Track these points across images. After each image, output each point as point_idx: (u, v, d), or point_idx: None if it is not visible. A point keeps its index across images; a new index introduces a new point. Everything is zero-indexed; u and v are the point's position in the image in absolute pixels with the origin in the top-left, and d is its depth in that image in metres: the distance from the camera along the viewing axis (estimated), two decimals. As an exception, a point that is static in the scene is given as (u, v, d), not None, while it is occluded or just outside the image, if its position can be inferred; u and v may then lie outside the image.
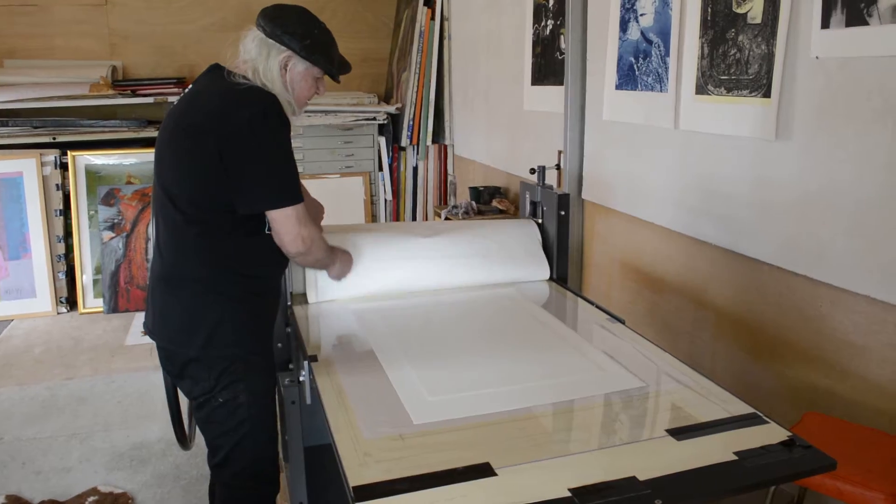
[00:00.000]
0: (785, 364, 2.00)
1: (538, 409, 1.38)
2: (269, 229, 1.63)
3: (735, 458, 1.17)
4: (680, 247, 2.42)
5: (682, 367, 1.58)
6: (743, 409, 1.36)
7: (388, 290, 2.02)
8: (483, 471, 1.12)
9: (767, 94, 1.96)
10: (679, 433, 1.26)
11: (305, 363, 1.56)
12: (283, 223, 1.59)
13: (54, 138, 4.30)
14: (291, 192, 1.59)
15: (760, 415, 1.32)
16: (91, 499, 2.35)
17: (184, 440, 1.88)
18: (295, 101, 1.69)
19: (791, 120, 1.89)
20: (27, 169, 4.18)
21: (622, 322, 1.87)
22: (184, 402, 1.83)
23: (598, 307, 1.98)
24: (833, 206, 1.79)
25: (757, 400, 1.47)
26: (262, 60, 1.63)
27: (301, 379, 1.58)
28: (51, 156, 4.25)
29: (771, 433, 1.26)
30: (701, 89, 2.23)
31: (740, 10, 2.06)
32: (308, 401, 1.57)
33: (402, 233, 2.14)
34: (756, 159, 2.03)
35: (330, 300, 1.99)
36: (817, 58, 1.80)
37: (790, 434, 1.25)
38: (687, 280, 2.40)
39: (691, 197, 2.33)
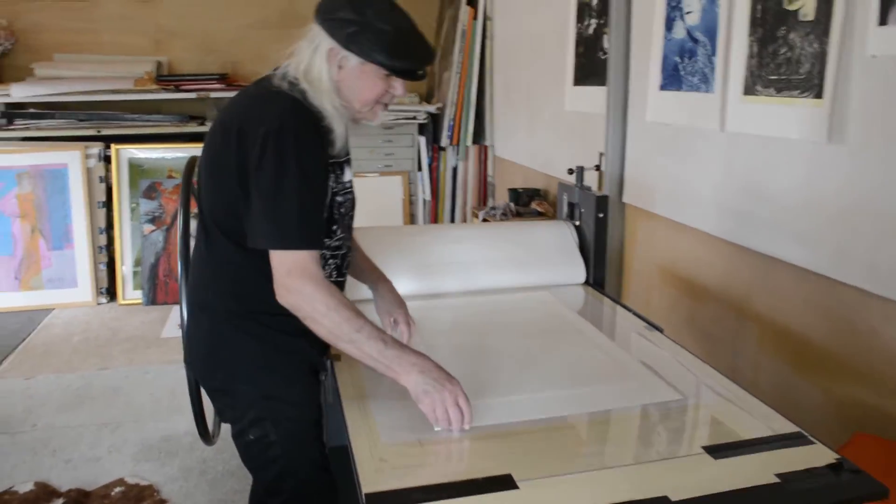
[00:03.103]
0: (833, 380, 1.90)
1: (567, 420, 1.32)
2: None
3: (777, 480, 1.09)
4: (723, 253, 2.33)
5: (722, 379, 1.50)
6: (787, 427, 1.27)
7: (419, 291, 1.97)
8: (503, 483, 1.07)
9: (819, 95, 1.86)
10: (717, 451, 1.18)
11: (328, 362, 1.52)
12: (273, 266, 1.33)
13: (99, 131, 4.38)
14: (287, 233, 1.31)
15: (806, 434, 1.24)
16: (117, 489, 2.35)
17: (206, 435, 1.84)
18: (357, 104, 1.41)
19: (844, 122, 1.79)
20: (72, 161, 4.25)
21: (660, 330, 1.80)
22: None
23: (635, 314, 1.90)
24: (888, 213, 1.68)
25: (801, 417, 1.38)
26: (308, 56, 1.38)
27: (322, 378, 1.54)
28: (95, 149, 4.32)
29: (817, 455, 1.17)
30: (749, 90, 2.14)
31: (791, 7, 1.96)
32: (330, 400, 1.53)
33: (434, 234, 2.10)
34: (806, 163, 1.93)
35: (358, 300, 1.95)
36: (874, 56, 1.70)
37: (838, 457, 1.16)
38: (729, 288, 2.31)
39: (736, 202, 2.23)
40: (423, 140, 4.93)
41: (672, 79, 2.56)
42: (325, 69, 1.37)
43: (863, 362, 1.80)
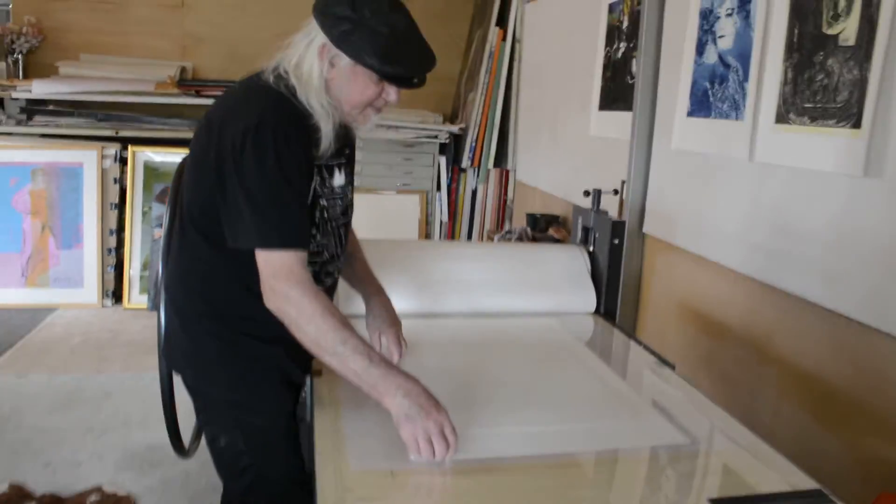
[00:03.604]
0: (858, 433, 1.75)
1: (559, 459, 1.19)
2: None
3: (791, 544, 0.96)
4: (746, 291, 2.19)
5: (736, 425, 1.36)
6: (806, 482, 1.14)
7: (416, 308, 1.86)
8: (478, 526, 0.94)
9: (858, 125, 1.73)
10: (725, 505, 1.05)
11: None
12: (259, 268, 1.26)
13: (117, 132, 4.34)
14: (268, 232, 1.24)
15: (826, 493, 1.10)
16: (93, 498, 2.24)
17: (180, 447, 1.74)
18: (347, 105, 1.33)
19: (884, 154, 1.66)
20: (88, 160, 4.22)
21: (672, 367, 1.66)
22: (183, 404, 1.67)
23: (646, 348, 1.77)
24: (929, 256, 1.55)
25: (822, 472, 1.24)
26: (301, 50, 1.31)
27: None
28: (112, 149, 4.29)
29: (838, 517, 1.04)
30: (781, 118, 2.02)
31: (831, 32, 1.85)
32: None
33: (438, 250, 1.99)
34: (840, 198, 1.80)
35: (351, 315, 1.84)
36: (921, 85, 1.58)
37: (863, 521, 1.02)
38: (751, 328, 2.16)
39: (763, 237, 2.10)
40: (443, 160, 4.84)
41: (701, 105, 2.44)
42: (315, 65, 1.29)
43: (892, 416, 1.65)
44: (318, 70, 1.29)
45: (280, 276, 1.24)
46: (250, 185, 1.24)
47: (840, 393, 1.81)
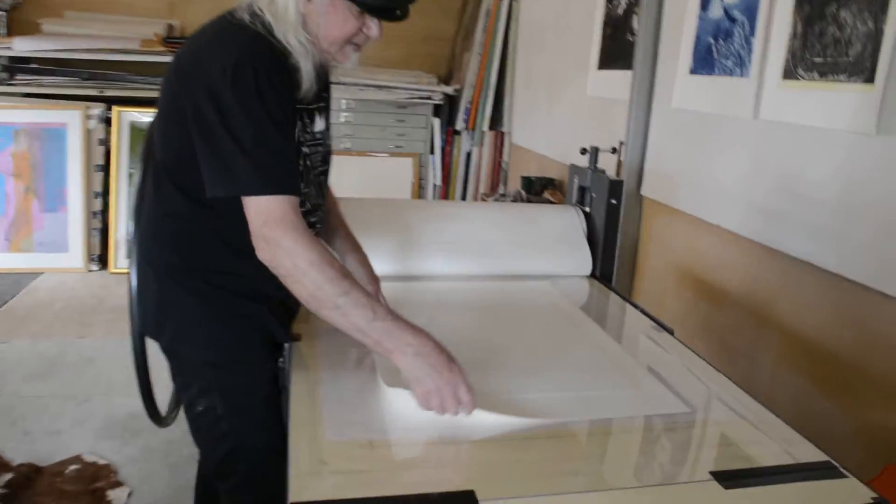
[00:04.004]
0: (862, 402, 1.68)
1: (549, 429, 1.11)
2: None
3: (799, 521, 0.89)
4: (747, 254, 2.11)
5: (737, 392, 1.29)
6: (812, 454, 1.07)
7: (399, 271, 1.78)
8: (460, 502, 0.87)
9: (871, 80, 1.64)
10: (728, 479, 0.98)
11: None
12: (249, 218, 1.17)
13: (102, 92, 4.21)
14: (256, 178, 1.15)
15: (836, 465, 1.03)
16: (72, 468, 2.18)
17: (156, 415, 1.66)
18: (325, 42, 1.24)
19: (899, 110, 1.57)
20: (72, 121, 4.10)
21: (670, 332, 1.59)
22: (158, 368, 1.58)
23: (643, 312, 1.70)
24: (944, 216, 1.47)
25: (824, 442, 1.17)
26: None
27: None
28: (96, 109, 4.16)
29: (848, 491, 0.97)
30: (789, 73, 1.92)
31: (846, -19, 1.74)
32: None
33: (425, 210, 1.90)
34: (850, 157, 1.71)
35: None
36: (940, 35, 1.48)
37: (875, 495, 0.95)
38: (752, 292, 2.09)
39: (766, 198, 2.02)
40: (437, 122, 4.73)
41: (704, 62, 2.34)
42: None
43: (900, 384, 1.58)
44: (294, 4, 1.20)
45: (271, 223, 1.14)
46: (233, 129, 1.14)
47: (843, 359, 1.74)
